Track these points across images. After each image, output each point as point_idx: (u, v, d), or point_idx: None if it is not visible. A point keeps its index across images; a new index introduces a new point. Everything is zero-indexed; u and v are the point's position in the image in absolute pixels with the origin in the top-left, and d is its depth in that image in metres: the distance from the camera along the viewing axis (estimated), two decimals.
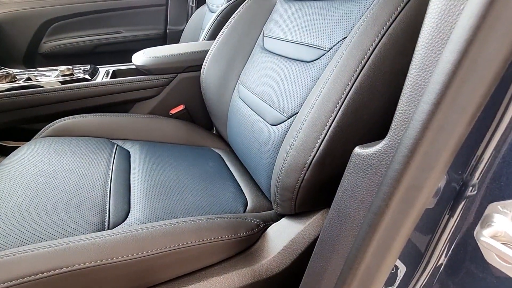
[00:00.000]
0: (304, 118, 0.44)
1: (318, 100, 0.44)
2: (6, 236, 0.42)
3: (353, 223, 0.28)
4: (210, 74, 0.83)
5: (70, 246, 0.39)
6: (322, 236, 0.32)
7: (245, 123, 0.69)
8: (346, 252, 0.29)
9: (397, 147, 0.24)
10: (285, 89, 0.57)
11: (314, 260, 0.34)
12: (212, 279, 0.47)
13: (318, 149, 0.42)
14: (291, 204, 0.49)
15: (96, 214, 0.50)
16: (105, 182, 0.58)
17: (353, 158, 0.28)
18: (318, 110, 0.43)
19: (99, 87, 0.84)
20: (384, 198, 0.25)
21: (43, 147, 0.66)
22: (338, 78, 0.43)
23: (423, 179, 0.24)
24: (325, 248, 0.32)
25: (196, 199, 0.59)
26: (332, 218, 0.30)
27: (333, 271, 0.32)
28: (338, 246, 0.30)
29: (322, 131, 0.42)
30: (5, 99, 0.78)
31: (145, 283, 0.44)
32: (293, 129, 0.48)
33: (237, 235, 0.48)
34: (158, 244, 0.42)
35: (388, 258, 0.28)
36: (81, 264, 0.37)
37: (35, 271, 0.35)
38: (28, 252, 0.37)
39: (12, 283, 0.34)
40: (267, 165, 0.58)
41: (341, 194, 0.29)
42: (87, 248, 0.39)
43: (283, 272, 0.49)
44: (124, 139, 0.79)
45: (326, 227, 0.31)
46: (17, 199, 0.49)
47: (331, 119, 0.41)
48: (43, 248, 0.38)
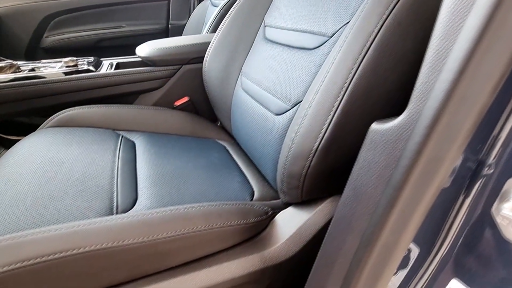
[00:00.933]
0: (309, 105, 0.44)
1: (322, 86, 0.43)
2: (17, 220, 0.42)
3: (369, 200, 0.28)
4: (212, 67, 0.82)
5: (81, 229, 0.38)
6: (337, 216, 0.32)
7: (249, 114, 0.68)
8: (362, 230, 0.29)
9: (417, 119, 0.24)
10: (288, 78, 0.57)
11: (328, 242, 0.34)
12: (221, 264, 0.46)
13: (324, 135, 0.42)
14: (298, 192, 0.49)
15: (104, 201, 0.49)
16: (111, 170, 0.57)
17: (370, 134, 0.28)
18: (323, 96, 0.43)
19: (103, 78, 0.83)
20: (403, 172, 0.24)
21: (49, 137, 0.65)
22: (342, 63, 0.42)
23: (445, 151, 0.23)
24: (339, 228, 0.32)
25: (203, 188, 0.59)
26: (347, 196, 0.30)
27: (348, 251, 0.32)
28: (353, 224, 0.30)
29: (327, 117, 0.41)
30: (9, 89, 0.77)
31: (155, 268, 0.43)
32: (298, 117, 0.48)
33: (246, 221, 0.48)
34: (168, 229, 0.42)
35: (406, 235, 0.27)
36: (92, 246, 0.37)
37: (47, 252, 0.35)
38: (39, 235, 0.37)
39: (23, 264, 0.34)
40: (273, 155, 0.57)
41: (357, 172, 0.29)
42: (98, 231, 0.39)
43: (292, 258, 0.49)
44: (129, 130, 0.78)
45: (341, 206, 0.31)
46: (25, 185, 0.49)
47: (336, 104, 0.41)
48: (55, 231, 0.38)
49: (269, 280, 0.50)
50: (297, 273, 0.53)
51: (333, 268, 0.33)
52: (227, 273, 0.46)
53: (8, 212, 0.43)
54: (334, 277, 0.33)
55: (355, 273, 0.30)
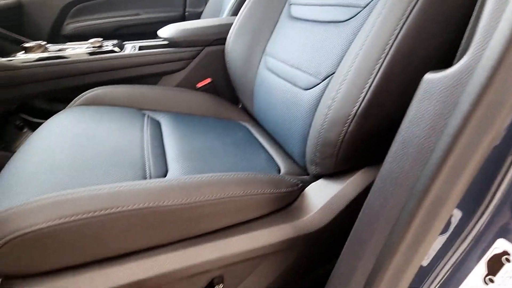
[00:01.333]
0: (348, 70, 0.44)
1: (362, 51, 0.43)
2: (60, 182, 0.43)
3: (421, 152, 0.28)
4: (235, 48, 0.82)
5: (123, 190, 0.39)
6: (383, 173, 0.32)
7: (274, 92, 0.68)
8: (411, 184, 0.29)
9: (479, 62, 0.24)
10: (317, 53, 0.56)
11: (371, 200, 0.34)
12: (254, 232, 0.47)
13: (363, 98, 0.41)
14: (332, 161, 0.49)
15: (137, 170, 0.50)
16: (141, 145, 0.58)
17: (423, 85, 0.28)
18: (363, 61, 0.42)
19: (126, 59, 0.84)
20: (462, 117, 0.24)
21: (78, 115, 0.67)
22: (383, 28, 0.41)
23: (508, 94, 0.23)
24: (385, 184, 0.31)
25: (231, 163, 0.59)
26: (395, 151, 0.30)
27: (393, 207, 0.31)
28: (401, 179, 0.30)
29: (367, 81, 0.41)
30: (36, 68, 0.79)
31: (190, 233, 0.44)
32: (333, 86, 0.48)
33: (278, 191, 0.48)
34: (204, 193, 0.42)
35: (459, 187, 0.27)
36: (134, 206, 0.38)
37: (91, 209, 0.36)
38: (84, 193, 0.38)
39: (72, 218, 0.35)
40: (301, 129, 0.57)
41: (407, 124, 0.29)
42: (138, 192, 0.39)
43: (324, 229, 0.50)
44: (154, 110, 0.79)
45: (389, 162, 0.31)
46: (61, 155, 0.50)
47: (377, 68, 0.40)
48: (98, 190, 0.39)
49: (300, 249, 0.51)
50: (327, 243, 0.53)
51: (377, 222, 0.33)
52: (259, 240, 0.47)
53: (49, 177, 0.44)
54: (379, 232, 0.33)
55: (404, 228, 0.30)
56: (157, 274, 0.42)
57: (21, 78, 0.79)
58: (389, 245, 0.33)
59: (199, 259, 0.44)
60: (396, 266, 0.33)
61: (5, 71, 0.77)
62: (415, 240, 0.31)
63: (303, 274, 0.59)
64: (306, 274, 0.60)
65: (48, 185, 0.43)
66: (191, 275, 0.45)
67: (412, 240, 0.31)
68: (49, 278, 0.39)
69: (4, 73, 0.77)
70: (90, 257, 0.40)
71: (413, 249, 0.32)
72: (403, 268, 0.34)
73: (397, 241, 0.32)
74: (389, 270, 0.34)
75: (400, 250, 0.32)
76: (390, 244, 0.33)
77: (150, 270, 0.42)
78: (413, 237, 0.31)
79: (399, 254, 0.32)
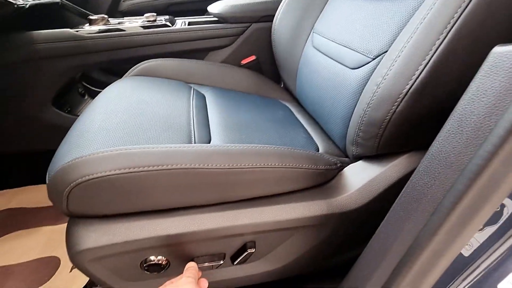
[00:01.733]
0: (404, 45, 0.41)
1: (422, 24, 0.40)
2: (120, 140, 0.48)
3: (478, 131, 0.26)
4: (283, 25, 0.81)
5: (173, 150, 0.43)
6: (432, 152, 0.30)
7: (318, 71, 0.67)
8: (463, 164, 0.28)
9: None
10: (370, 30, 0.54)
11: (416, 178, 0.32)
12: (289, 204, 0.48)
13: (418, 76, 0.39)
14: (375, 142, 0.47)
15: (184, 136, 0.54)
16: (188, 114, 0.62)
17: (490, 58, 0.25)
18: (422, 34, 0.39)
19: (177, 33, 0.88)
20: None
21: (133, 84, 0.72)
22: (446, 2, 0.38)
23: None
24: (433, 164, 0.30)
25: (271, 138, 0.60)
26: (449, 129, 0.28)
27: (439, 187, 0.30)
28: (452, 158, 0.28)
29: (425, 56, 0.38)
30: (99, 40, 0.87)
31: (230, 197, 0.47)
32: (384, 64, 0.45)
33: (316, 167, 0.49)
34: (245, 161, 0.44)
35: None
36: (183, 165, 0.41)
37: (148, 164, 0.40)
38: (141, 150, 0.42)
39: (129, 170, 0.40)
40: (344, 109, 0.56)
41: (467, 100, 0.27)
42: (187, 153, 0.43)
43: (359, 209, 0.49)
44: (199, 84, 0.83)
45: (441, 141, 0.29)
46: (120, 117, 0.55)
47: (439, 42, 0.37)
48: (152, 148, 0.43)
49: (333, 227, 0.51)
50: (361, 225, 0.53)
51: (420, 203, 0.32)
52: (293, 213, 0.48)
53: (109, 135, 0.49)
54: (420, 212, 0.32)
55: (448, 210, 0.29)
56: (196, 231, 0.46)
57: (86, 47, 0.87)
58: (429, 227, 0.32)
59: (234, 223, 0.47)
60: (434, 249, 0.32)
61: (73, 41, 0.86)
62: (458, 224, 0.30)
63: (332, 252, 0.60)
64: (335, 253, 0.60)
65: (108, 141, 0.48)
66: (226, 236, 0.48)
67: (455, 224, 0.30)
68: (106, 221, 0.44)
69: (73, 42, 0.86)
70: (141, 208, 0.44)
71: (455, 234, 0.31)
72: (441, 252, 0.33)
73: (438, 223, 0.31)
74: (426, 252, 0.33)
75: (441, 233, 0.31)
76: (430, 226, 0.32)
77: (190, 226, 0.45)
78: (457, 220, 0.30)
79: (439, 237, 0.31)
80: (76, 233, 0.43)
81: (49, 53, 0.86)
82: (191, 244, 0.47)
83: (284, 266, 0.55)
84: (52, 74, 0.89)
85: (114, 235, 0.43)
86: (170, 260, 0.49)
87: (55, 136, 0.96)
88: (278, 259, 0.55)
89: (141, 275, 0.49)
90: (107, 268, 0.46)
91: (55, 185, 0.41)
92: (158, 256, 0.47)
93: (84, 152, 0.43)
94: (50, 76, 0.89)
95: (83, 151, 0.44)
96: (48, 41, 0.85)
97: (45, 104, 0.92)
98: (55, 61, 0.87)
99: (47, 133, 0.96)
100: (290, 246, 0.53)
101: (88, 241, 0.42)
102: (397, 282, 0.37)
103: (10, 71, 0.86)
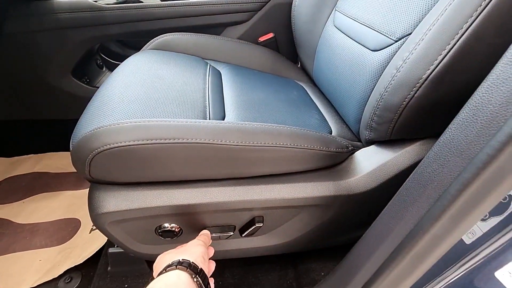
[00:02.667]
0: (428, 28, 0.40)
1: (451, 6, 0.38)
2: (138, 111, 0.50)
3: (493, 121, 0.26)
4: (304, 1, 0.79)
5: (190, 124, 0.44)
6: (443, 139, 0.30)
7: (338, 52, 0.65)
8: (473, 153, 0.28)
9: None
10: (396, 11, 0.51)
11: (425, 165, 0.33)
12: (298, 183, 0.50)
13: (440, 61, 0.38)
14: (389, 128, 0.47)
15: (199, 112, 0.55)
16: (203, 91, 0.63)
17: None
18: (448, 18, 0.38)
19: (195, 6, 0.87)
20: None
21: (151, 57, 0.73)
22: None
23: None
24: (444, 151, 0.30)
25: (285, 118, 0.61)
26: (464, 117, 0.28)
27: (447, 175, 0.31)
28: (463, 147, 0.29)
29: (450, 41, 0.37)
30: (117, 11, 0.87)
31: (241, 172, 0.49)
32: (407, 47, 0.44)
33: (328, 149, 0.49)
34: (257, 139, 0.45)
35: None
36: (198, 140, 0.43)
37: (165, 136, 0.42)
38: (159, 123, 0.44)
39: (148, 141, 0.42)
40: (361, 93, 0.55)
41: (485, 89, 0.26)
42: (202, 129, 0.44)
43: (367, 193, 0.50)
44: (216, 60, 0.83)
45: (452, 128, 0.29)
46: (138, 90, 0.56)
47: (465, 26, 0.36)
48: (170, 122, 0.44)
49: (340, 207, 0.53)
50: (368, 209, 0.54)
51: (425, 189, 0.33)
52: (301, 192, 0.50)
53: (128, 106, 0.51)
54: (425, 198, 0.33)
55: (453, 197, 0.29)
56: (208, 202, 0.48)
57: (105, 18, 0.87)
58: (432, 212, 0.33)
59: (244, 198, 0.49)
60: (435, 234, 0.33)
61: (92, 11, 0.86)
62: (462, 212, 0.31)
63: (337, 232, 0.62)
64: (340, 233, 0.62)
65: (128, 113, 0.49)
66: (235, 209, 0.50)
67: (459, 211, 0.31)
68: (125, 188, 0.47)
69: (92, 13, 0.87)
70: (157, 177, 0.47)
71: (458, 221, 0.32)
72: (442, 237, 0.34)
73: (442, 209, 0.32)
74: (426, 236, 0.34)
75: (443, 218, 0.32)
76: (434, 211, 0.32)
77: (203, 198, 0.48)
78: (460, 208, 0.30)
79: (441, 222, 0.32)
80: (98, 197, 0.46)
81: (69, 23, 0.87)
82: (203, 214, 0.50)
83: (290, 241, 0.58)
84: (72, 44, 0.90)
85: (132, 201, 0.46)
86: (182, 228, 0.52)
87: (74, 106, 1.00)
88: (284, 234, 0.57)
89: (155, 239, 0.53)
90: (125, 231, 0.50)
91: (78, 152, 0.44)
92: (172, 224, 0.51)
93: (105, 122, 0.45)
94: (70, 46, 0.91)
95: (104, 121, 0.46)
96: (67, 11, 0.86)
97: (65, 74, 0.95)
98: (74, 31, 0.88)
99: (67, 103, 1.00)
100: (297, 223, 0.55)
101: (109, 205, 0.46)
102: (395, 263, 0.38)
103: (32, 39, 0.88)
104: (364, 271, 0.45)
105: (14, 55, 0.90)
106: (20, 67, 0.92)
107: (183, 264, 0.37)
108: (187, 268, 0.36)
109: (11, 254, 0.78)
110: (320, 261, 0.72)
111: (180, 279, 0.35)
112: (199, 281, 0.36)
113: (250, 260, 0.70)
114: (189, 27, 0.90)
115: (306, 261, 0.72)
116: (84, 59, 0.98)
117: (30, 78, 0.94)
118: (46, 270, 0.74)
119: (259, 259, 0.71)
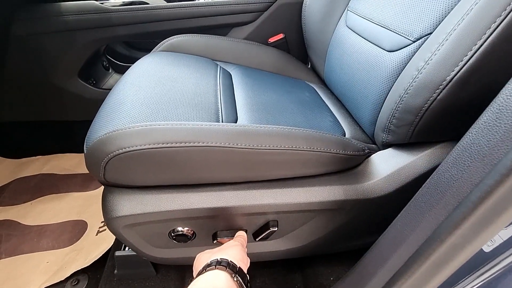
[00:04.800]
0: (453, 28, 0.39)
1: (478, 4, 0.36)
2: (148, 114, 0.49)
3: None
4: (315, 1, 0.78)
5: (204, 128, 0.43)
6: (463, 143, 0.29)
7: (351, 53, 0.64)
8: (497, 158, 0.26)
9: None
10: (413, 10, 0.50)
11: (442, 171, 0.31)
12: (314, 187, 0.49)
13: (466, 62, 0.37)
14: (408, 130, 0.46)
15: (212, 114, 0.54)
16: (215, 92, 0.62)
17: None
18: (476, 16, 0.36)
19: (200, 8, 0.87)
20: None
21: (162, 59, 0.72)
22: None
23: None
24: (463, 156, 0.29)
25: (297, 120, 0.60)
26: (487, 120, 0.27)
27: (467, 180, 0.29)
28: (486, 151, 0.27)
29: (477, 41, 0.36)
30: (123, 13, 0.86)
31: (255, 176, 0.48)
32: (428, 47, 0.43)
33: (344, 152, 0.48)
34: (272, 142, 0.44)
35: None
36: (213, 143, 0.42)
37: (180, 140, 0.41)
38: (173, 126, 0.43)
39: (162, 145, 0.41)
40: (376, 95, 0.54)
41: (511, 90, 0.25)
42: (217, 132, 0.43)
43: (385, 197, 0.49)
44: (226, 61, 0.82)
45: (473, 132, 0.28)
46: (149, 93, 0.55)
47: (494, 26, 0.34)
48: (184, 125, 0.43)
49: (356, 212, 0.51)
50: (385, 213, 0.53)
51: (443, 195, 0.32)
52: (317, 196, 0.49)
53: (144, 109, 0.50)
54: (442, 205, 0.32)
55: (474, 204, 0.28)
56: (221, 206, 0.47)
57: (111, 20, 0.87)
58: (451, 220, 0.31)
59: (258, 202, 0.48)
60: (454, 242, 0.32)
61: (99, 13, 0.86)
62: (484, 220, 0.29)
63: (352, 237, 0.61)
64: (355, 237, 0.61)
65: (142, 116, 0.48)
66: (249, 213, 0.49)
67: (481, 220, 0.29)
68: (139, 191, 0.46)
69: (98, 15, 0.86)
70: (171, 181, 0.46)
71: (479, 230, 0.30)
72: (461, 247, 0.32)
73: (462, 217, 0.30)
74: (445, 245, 0.32)
75: (463, 227, 0.30)
76: (453, 219, 0.31)
77: (217, 202, 0.47)
78: (483, 216, 0.29)
79: (461, 231, 0.31)
80: (112, 201, 0.46)
81: (75, 25, 0.86)
82: (216, 218, 0.49)
83: (304, 246, 0.57)
84: (78, 46, 0.90)
85: (146, 205, 0.45)
86: (196, 232, 0.51)
87: (81, 108, 0.99)
88: (298, 239, 0.56)
89: (169, 243, 0.52)
90: (139, 235, 0.49)
91: (93, 155, 0.43)
92: (185, 227, 0.50)
93: (120, 125, 0.45)
94: (76, 48, 0.90)
95: (118, 124, 0.45)
96: (74, 13, 0.85)
97: (72, 76, 0.95)
98: (81, 33, 0.88)
99: (73, 105, 0.99)
100: (311, 228, 0.54)
101: (123, 209, 0.45)
102: (410, 272, 0.37)
103: (39, 41, 0.87)
104: (377, 279, 0.43)
105: (22, 57, 0.89)
106: (27, 69, 0.91)
107: (222, 264, 0.37)
108: (227, 268, 0.36)
109: (18, 255, 0.78)
110: (328, 265, 0.71)
111: (220, 278, 0.35)
112: (239, 280, 0.36)
113: (257, 264, 0.69)
114: (195, 28, 0.89)
115: (314, 265, 0.71)
116: (91, 61, 0.97)
117: (37, 80, 0.94)
118: (53, 272, 0.73)
119: (266, 263, 0.70)
